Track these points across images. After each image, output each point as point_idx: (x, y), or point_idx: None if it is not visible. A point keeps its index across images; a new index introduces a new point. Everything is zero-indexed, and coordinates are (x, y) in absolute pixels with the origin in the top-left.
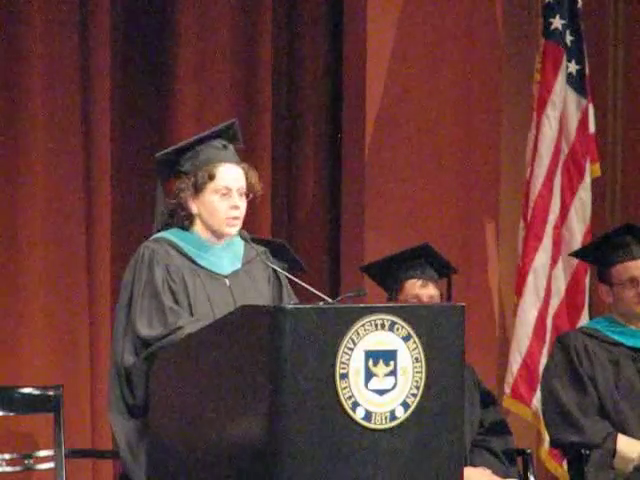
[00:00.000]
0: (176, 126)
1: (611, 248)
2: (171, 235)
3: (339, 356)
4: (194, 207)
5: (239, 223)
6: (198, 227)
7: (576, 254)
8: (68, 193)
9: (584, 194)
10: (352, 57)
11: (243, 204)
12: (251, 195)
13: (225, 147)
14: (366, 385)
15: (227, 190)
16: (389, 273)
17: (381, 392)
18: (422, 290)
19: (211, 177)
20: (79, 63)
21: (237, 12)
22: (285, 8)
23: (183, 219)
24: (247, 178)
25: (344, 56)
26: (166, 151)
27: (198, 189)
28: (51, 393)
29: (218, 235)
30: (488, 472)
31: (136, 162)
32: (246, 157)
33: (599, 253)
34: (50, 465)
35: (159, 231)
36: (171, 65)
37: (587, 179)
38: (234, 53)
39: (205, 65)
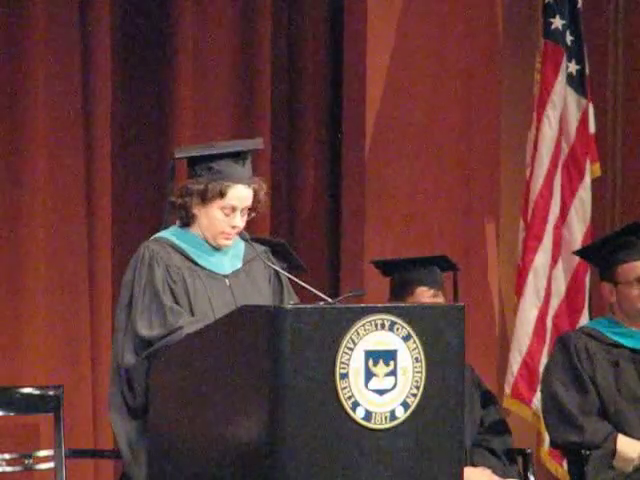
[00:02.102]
0: (176, 126)
1: (618, 247)
2: (171, 235)
3: (339, 356)
4: (196, 211)
5: (234, 237)
6: (197, 228)
7: (579, 253)
8: (69, 194)
9: (584, 194)
10: (352, 57)
11: (243, 222)
12: (253, 214)
13: (244, 163)
14: (366, 385)
15: (232, 210)
16: (401, 273)
17: (381, 392)
18: (432, 300)
19: (222, 195)
20: (80, 64)
21: (237, 12)
22: (285, 8)
23: (183, 218)
24: (255, 198)
25: (344, 56)
26: (187, 156)
27: (205, 199)
28: (51, 393)
29: (211, 242)
30: (488, 472)
31: (136, 162)
32: None
33: (604, 252)
34: (50, 465)
35: (164, 229)
36: (171, 65)
37: (587, 179)
38: (234, 53)
39: (205, 65)
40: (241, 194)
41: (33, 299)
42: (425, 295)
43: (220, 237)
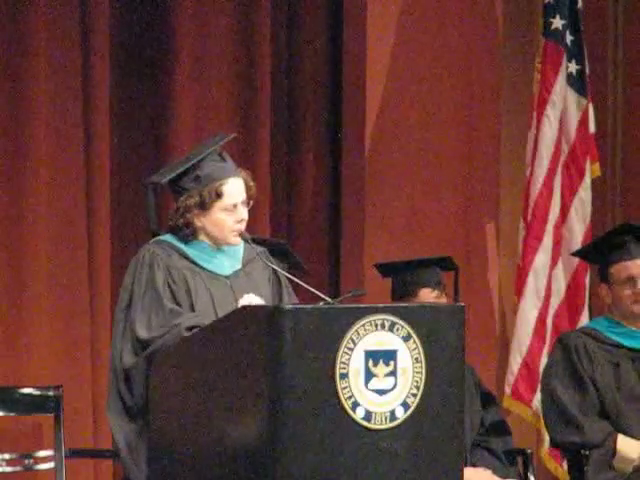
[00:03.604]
0: (176, 126)
1: (610, 247)
2: (171, 238)
3: (339, 356)
4: (199, 222)
5: (243, 230)
6: (202, 237)
7: (577, 253)
8: (69, 196)
9: (584, 194)
10: (352, 57)
11: (246, 214)
12: (251, 203)
13: (223, 158)
14: (366, 385)
15: (234, 207)
16: (404, 275)
17: (381, 392)
18: (436, 301)
19: (218, 195)
20: (80, 65)
21: (236, 12)
22: (285, 8)
23: (187, 235)
24: (247, 186)
25: (344, 56)
26: (170, 177)
27: (205, 207)
28: (51, 393)
29: (223, 245)
30: (488, 472)
31: (136, 163)
32: (245, 157)
33: (599, 252)
34: (50, 465)
35: (157, 235)
36: (170, 65)
37: (587, 179)
38: (233, 53)
39: (204, 65)
40: (235, 187)
41: (33, 299)
42: (429, 297)
43: (231, 236)
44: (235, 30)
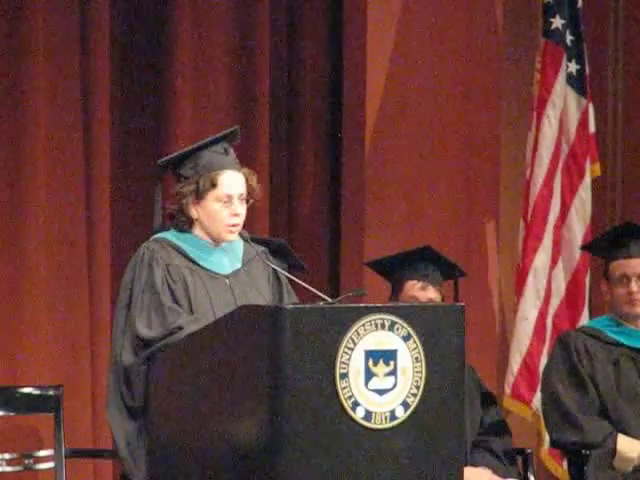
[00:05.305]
0: (175, 125)
1: (610, 244)
2: (171, 236)
3: (339, 356)
4: (194, 212)
5: (239, 229)
6: (197, 230)
7: (584, 248)
8: (69, 196)
9: (584, 194)
10: (352, 57)
11: (243, 210)
12: (251, 201)
13: (226, 152)
14: (366, 385)
15: (228, 198)
16: (393, 271)
17: (381, 392)
18: (420, 292)
19: (213, 184)
20: (79, 65)
21: (235, 12)
22: (284, 8)
23: (183, 223)
24: (248, 183)
25: (344, 56)
26: (168, 158)
27: (199, 195)
28: (51, 393)
29: (217, 240)
30: (488, 472)
31: (136, 163)
32: (245, 157)
33: (603, 248)
34: (50, 465)
35: (157, 232)
36: (170, 65)
37: (587, 179)
38: (233, 53)
39: (204, 65)
40: (232, 180)
41: (33, 299)
42: (414, 288)
43: (225, 231)
44: (235, 31)
